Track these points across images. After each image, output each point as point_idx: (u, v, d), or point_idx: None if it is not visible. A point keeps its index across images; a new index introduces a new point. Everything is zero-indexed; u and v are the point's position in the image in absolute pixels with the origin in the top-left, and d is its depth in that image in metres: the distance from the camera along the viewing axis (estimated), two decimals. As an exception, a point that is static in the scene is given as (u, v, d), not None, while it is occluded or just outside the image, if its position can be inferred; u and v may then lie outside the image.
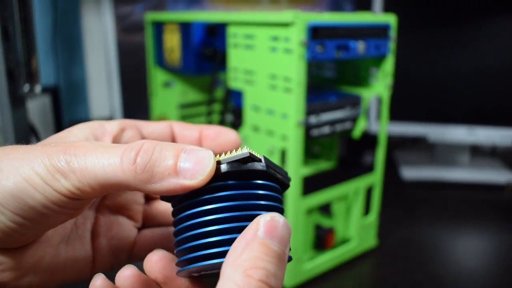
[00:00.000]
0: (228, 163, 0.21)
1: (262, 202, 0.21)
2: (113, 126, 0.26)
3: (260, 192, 0.21)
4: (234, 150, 0.22)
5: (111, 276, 0.24)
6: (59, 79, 0.97)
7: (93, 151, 0.20)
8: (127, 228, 0.28)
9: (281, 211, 0.22)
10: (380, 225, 0.70)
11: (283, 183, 0.23)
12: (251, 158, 0.21)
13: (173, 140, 0.28)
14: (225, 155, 0.21)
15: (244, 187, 0.21)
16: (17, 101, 0.58)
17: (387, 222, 0.74)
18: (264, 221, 0.19)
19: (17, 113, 0.58)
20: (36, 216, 0.20)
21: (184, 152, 0.20)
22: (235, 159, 0.21)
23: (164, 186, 0.20)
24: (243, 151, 0.21)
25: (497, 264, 0.63)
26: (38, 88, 0.58)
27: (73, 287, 0.28)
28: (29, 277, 0.23)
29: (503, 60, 0.89)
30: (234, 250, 0.18)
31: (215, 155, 0.21)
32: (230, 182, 0.21)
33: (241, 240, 0.19)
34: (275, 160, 0.55)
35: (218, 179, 0.21)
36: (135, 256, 0.28)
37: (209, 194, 0.21)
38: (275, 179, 0.22)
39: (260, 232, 0.19)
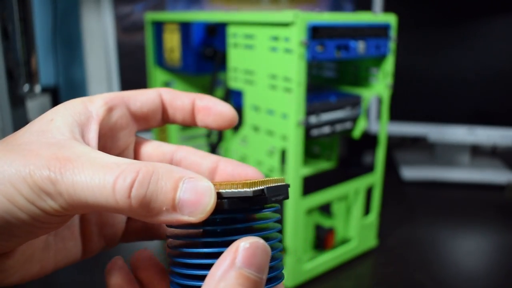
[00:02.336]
0: (230, 201, 0.20)
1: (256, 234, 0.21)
2: (99, 108, 0.23)
3: (256, 224, 0.21)
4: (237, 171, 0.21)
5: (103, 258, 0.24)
6: (59, 79, 0.97)
7: (82, 171, 0.18)
8: (118, 215, 0.27)
9: (274, 234, 0.22)
10: (380, 225, 0.70)
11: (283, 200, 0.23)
12: (254, 198, 0.20)
13: (164, 111, 0.26)
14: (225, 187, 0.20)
15: (242, 224, 0.21)
16: (17, 101, 0.58)
17: (387, 222, 0.73)
18: (243, 248, 0.18)
19: (16, 113, 0.58)
20: (20, 233, 0.19)
21: (183, 183, 0.18)
22: (238, 195, 0.20)
23: (161, 220, 0.19)
24: (247, 190, 0.20)
25: (497, 265, 0.63)
26: (37, 88, 0.58)
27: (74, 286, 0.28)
28: (20, 273, 0.22)
29: (503, 60, 0.89)
30: (211, 278, 0.18)
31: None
32: (229, 217, 0.21)
33: (219, 267, 0.18)
34: (275, 160, 0.55)
35: (216, 211, 0.20)
36: (126, 239, 0.27)
37: (206, 237, 0.21)
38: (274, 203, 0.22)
39: (238, 261, 0.18)
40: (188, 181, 0.19)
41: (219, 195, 0.20)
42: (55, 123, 0.21)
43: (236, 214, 0.21)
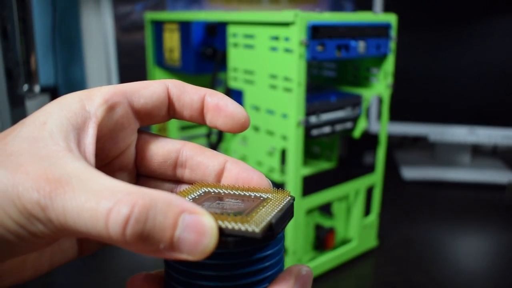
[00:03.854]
0: (235, 242, 0.19)
1: (265, 274, 0.21)
2: (98, 107, 0.21)
3: (262, 265, 0.20)
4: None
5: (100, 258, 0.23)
6: (58, 78, 0.96)
7: (73, 197, 0.17)
8: None
9: (281, 265, 0.22)
10: (381, 225, 0.70)
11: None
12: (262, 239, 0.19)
13: (170, 105, 0.23)
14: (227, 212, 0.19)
15: (247, 263, 0.20)
16: (16, 101, 0.58)
17: (387, 222, 0.73)
18: (300, 275, 0.20)
19: (16, 113, 0.58)
20: (8, 251, 0.18)
21: (183, 219, 0.17)
22: (244, 235, 0.19)
23: (157, 255, 0.17)
24: (254, 229, 0.18)
25: (498, 265, 0.62)
26: (37, 88, 0.58)
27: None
28: (13, 277, 0.21)
29: (504, 59, 0.89)
30: None
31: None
32: (233, 259, 0.20)
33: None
34: (275, 160, 0.55)
35: (218, 249, 0.19)
36: None
37: (209, 271, 0.20)
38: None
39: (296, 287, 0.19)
40: (189, 217, 0.17)
41: (222, 232, 0.18)
42: (48, 128, 0.19)
43: (240, 251, 0.20)
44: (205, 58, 0.66)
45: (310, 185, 0.55)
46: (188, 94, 0.23)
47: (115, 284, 0.57)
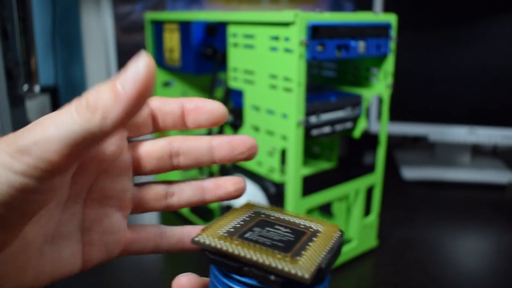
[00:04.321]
0: (282, 284, 0.18)
1: None
2: None
3: None
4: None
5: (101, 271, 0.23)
6: (58, 78, 0.96)
7: (44, 119, 0.19)
8: (119, 220, 0.26)
9: None
10: (381, 225, 0.70)
11: None
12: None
13: (154, 118, 0.26)
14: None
15: None
16: (16, 101, 0.58)
17: (387, 222, 0.73)
18: None
19: (16, 113, 0.58)
20: (10, 214, 0.19)
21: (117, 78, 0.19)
22: (293, 279, 0.18)
23: (116, 112, 0.19)
24: (303, 275, 0.18)
25: (498, 265, 0.62)
26: (37, 88, 0.58)
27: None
28: (14, 282, 0.21)
29: (504, 59, 0.89)
30: None
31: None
32: None
33: None
34: (275, 160, 0.55)
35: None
36: (128, 251, 0.26)
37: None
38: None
39: None
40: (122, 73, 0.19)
41: (271, 271, 0.18)
42: None
43: None
44: (205, 58, 0.66)
45: (310, 185, 0.55)
46: (167, 104, 0.26)
47: (115, 284, 0.57)
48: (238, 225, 0.22)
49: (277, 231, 0.21)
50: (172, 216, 0.76)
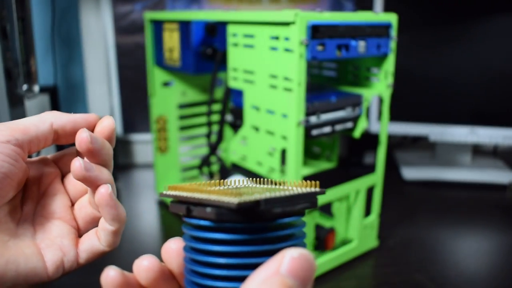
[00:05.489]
0: (215, 212, 0.19)
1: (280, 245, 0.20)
2: None
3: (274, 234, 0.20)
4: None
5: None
6: (58, 78, 0.96)
7: None
8: (65, 229, 0.30)
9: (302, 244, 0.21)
10: (381, 225, 0.70)
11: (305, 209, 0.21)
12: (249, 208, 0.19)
13: (55, 133, 0.30)
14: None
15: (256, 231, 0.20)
16: (15, 101, 0.58)
17: (387, 222, 0.73)
18: (291, 257, 0.17)
19: (15, 112, 0.57)
20: None
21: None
22: (222, 205, 0.19)
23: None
24: (231, 201, 0.18)
25: (498, 264, 0.62)
26: (36, 88, 0.58)
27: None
28: None
29: (504, 60, 0.89)
30: (252, 281, 0.17)
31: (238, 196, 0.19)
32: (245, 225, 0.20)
33: (262, 271, 0.17)
34: (275, 160, 0.55)
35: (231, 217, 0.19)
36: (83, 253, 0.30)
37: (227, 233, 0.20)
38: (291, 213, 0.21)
39: (283, 269, 0.17)
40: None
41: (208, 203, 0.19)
42: None
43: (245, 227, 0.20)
44: (205, 58, 0.66)
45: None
46: (65, 118, 0.30)
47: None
48: (218, 188, 0.22)
49: (250, 189, 0.21)
50: (172, 215, 0.76)
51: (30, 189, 0.30)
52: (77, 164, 0.27)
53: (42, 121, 0.29)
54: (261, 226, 0.20)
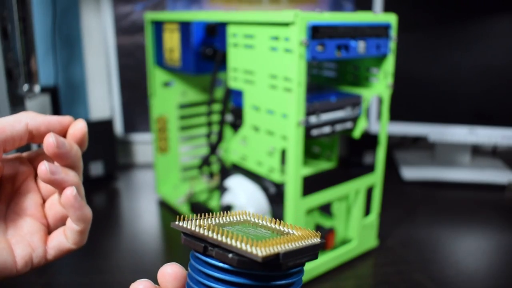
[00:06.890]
0: (239, 261, 0.19)
1: None
2: None
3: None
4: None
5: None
6: (58, 79, 0.96)
7: None
8: (35, 226, 0.32)
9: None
10: (381, 225, 0.70)
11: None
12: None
13: (30, 133, 0.31)
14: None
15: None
16: (16, 101, 0.58)
17: (387, 222, 0.73)
18: None
19: (16, 113, 0.57)
20: None
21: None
22: (247, 256, 0.19)
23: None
24: (257, 253, 0.19)
25: (498, 265, 0.62)
26: (37, 88, 0.58)
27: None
28: None
29: (504, 59, 0.89)
30: None
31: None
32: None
33: None
34: (275, 160, 0.55)
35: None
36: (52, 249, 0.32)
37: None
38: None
39: None
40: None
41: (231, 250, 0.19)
42: None
43: (253, 274, 0.20)
44: (205, 58, 0.66)
45: (310, 185, 0.55)
46: (43, 120, 0.31)
47: (115, 284, 0.57)
48: (222, 222, 0.23)
49: (256, 230, 0.22)
50: (172, 215, 0.76)
51: (4, 186, 0.32)
52: (43, 168, 0.29)
53: (18, 121, 0.30)
54: (275, 275, 0.21)
